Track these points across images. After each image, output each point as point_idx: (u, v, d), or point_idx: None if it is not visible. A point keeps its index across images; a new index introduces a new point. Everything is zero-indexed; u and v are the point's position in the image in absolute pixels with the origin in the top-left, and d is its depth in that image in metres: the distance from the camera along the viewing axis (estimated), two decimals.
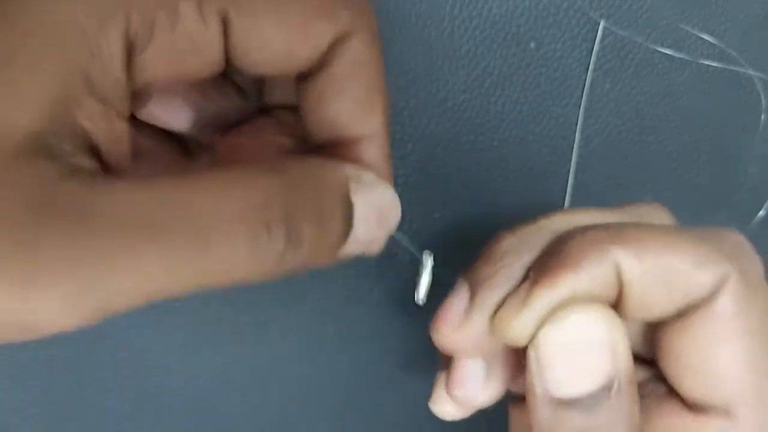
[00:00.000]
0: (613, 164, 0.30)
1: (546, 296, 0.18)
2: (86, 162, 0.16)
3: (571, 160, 0.30)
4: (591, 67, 0.29)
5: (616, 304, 0.19)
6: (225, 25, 0.18)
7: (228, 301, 0.29)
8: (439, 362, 0.23)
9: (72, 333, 0.28)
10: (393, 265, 0.30)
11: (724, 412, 0.19)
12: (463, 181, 0.29)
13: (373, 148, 0.20)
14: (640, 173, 0.31)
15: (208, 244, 0.16)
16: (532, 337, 0.19)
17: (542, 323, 0.18)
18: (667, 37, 0.29)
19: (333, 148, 0.20)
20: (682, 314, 0.19)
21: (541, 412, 0.19)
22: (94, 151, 0.17)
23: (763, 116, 0.32)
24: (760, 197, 0.33)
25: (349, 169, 0.19)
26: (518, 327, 0.19)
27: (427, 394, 0.25)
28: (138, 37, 0.17)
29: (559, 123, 0.29)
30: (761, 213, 0.33)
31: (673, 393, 0.20)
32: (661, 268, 0.18)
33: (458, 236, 0.30)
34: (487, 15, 0.27)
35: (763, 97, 0.31)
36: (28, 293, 0.15)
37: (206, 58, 0.18)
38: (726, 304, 0.18)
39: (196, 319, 0.28)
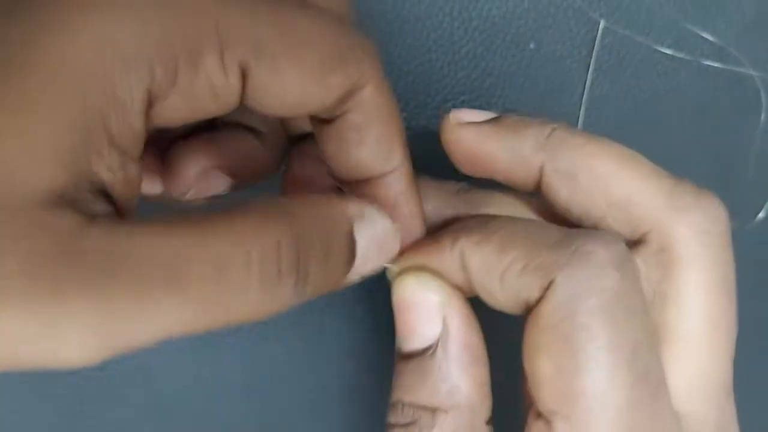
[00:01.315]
0: None
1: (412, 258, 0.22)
2: (102, 207, 0.16)
3: None
4: (591, 67, 0.29)
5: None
6: (244, 74, 0.18)
7: None
8: None
9: None
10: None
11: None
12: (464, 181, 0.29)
13: (396, 182, 0.21)
14: None
15: (222, 291, 0.16)
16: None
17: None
18: (666, 37, 0.29)
19: (357, 186, 0.22)
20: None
21: (395, 361, 0.22)
22: (108, 196, 0.17)
23: (763, 115, 0.32)
24: (760, 197, 0.33)
25: (353, 207, 0.20)
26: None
27: None
28: (161, 87, 0.17)
29: None
30: (761, 214, 0.33)
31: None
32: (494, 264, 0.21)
33: None
34: (487, 16, 0.27)
35: (763, 96, 0.31)
36: (55, 332, 0.15)
37: (223, 103, 0.18)
38: (548, 315, 0.19)
39: None
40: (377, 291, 0.30)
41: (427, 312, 0.21)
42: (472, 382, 0.21)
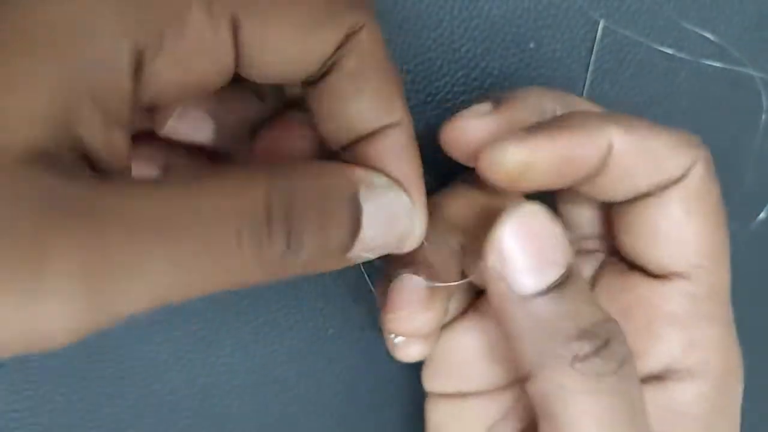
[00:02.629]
0: None
1: (547, 147, 0.20)
2: (84, 171, 0.16)
3: None
4: (591, 67, 0.29)
5: (595, 179, 0.21)
6: (235, 29, 0.17)
7: (228, 301, 0.29)
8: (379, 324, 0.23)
9: None
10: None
11: (685, 275, 0.22)
12: None
13: (399, 136, 0.20)
14: None
15: (213, 245, 0.16)
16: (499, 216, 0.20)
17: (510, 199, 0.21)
18: (667, 37, 0.29)
19: (354, 149, 0.20)
20: (655, 190, 0.21)
21: (508, 309, 0.20)
22: (90, 160, 0.16)
23: (763, 116, 0.32)
24: (761, 198, 0.33)
25: (359, 172, 0.19)
26: (516, 154, 0.20)
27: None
28: (148, 46, 0.16)
29: None
30: (762, 215, 0.33)
31: (634, 267, 0.23)
32: (645, 147, 0.21)
33: None
34: (487, 15, 0.27)
35: (764, 96, 0.31)
36: (36, 302, 0.14)
37: (217, 64, 0.18)
38: (696, 182, 0.21)
39: (196, 320, 0.29)
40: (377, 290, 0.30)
41: (558, 237, 0.20)
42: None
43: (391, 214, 0.19)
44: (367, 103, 0.20)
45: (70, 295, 0.15)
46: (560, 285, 0.19)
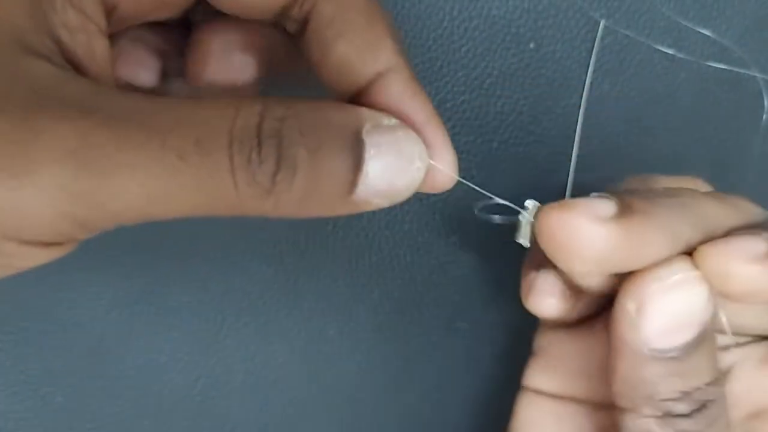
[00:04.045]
0: (613, 164, 0.30)
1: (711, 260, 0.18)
2: (71, 71, 0.16)
3: (571, 160, 0.30)
4: (591, 67, 0.29)
5: None
6: None
7: (228, 301, 0.29)
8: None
9: (70, 336, 0.28)
10: (393, 264, 0.30)
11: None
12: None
13: (394, 84, 0.19)
14: (640, 174, 0.31)
15: (203, 156, 0.16)
16: (629, 289, 0.19)
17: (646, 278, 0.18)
18: (667, 37, 0.29)
19: (359, 102, 0.19)
20: None
21: (626, 352, 0.19)
22: (73, 64, 0.16)
23: (764, 116, 0.31)
24: (761, 199, 0.33)
25: (366, 112, 0.18)
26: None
27: (428, 395, 0.25)
28: None
29: (559, 123, 0.29)
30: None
31: None
32: None
33: (458, 237, 0.30)
34: (487, 15, 0.27)
35: (765, 97, 0.31)
36: (24, 184, 0.14)
37: None
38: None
39: (196, 320, 0.29)
40: (378, 290, 0.30)
41: (701, 303, 0.19)
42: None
43: (400, 154, 0.18)
44: (350, 50, 0.18)
45: (60, 175, 0.14)
46: (685, 347, 0.19)
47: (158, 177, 0.15)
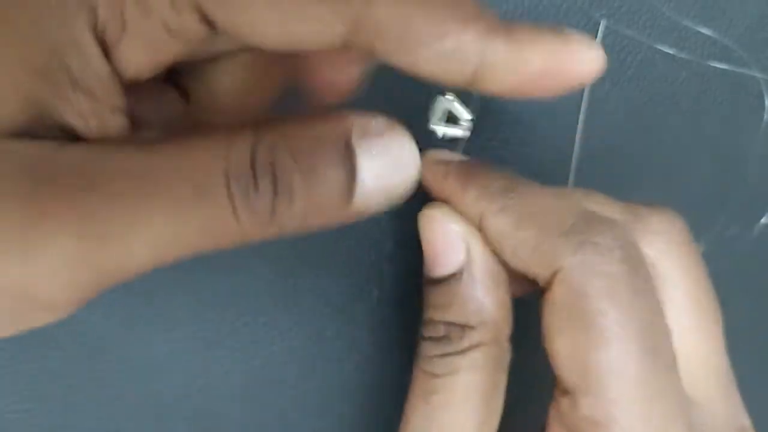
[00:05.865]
0: (613, 164, 0.30)
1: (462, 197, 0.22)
2: (68, 143, 0.16)
3: (571, 160, 0.30)
4: None
5: None
6: (200, 11, 0.17)
7: (228, 301, 0.29)
8: None
9: (70, 336, 0.28)
10: (393, 264, 0.30)
11: None
12: None
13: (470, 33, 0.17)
14: (640, 174, 0.31)
15: (204, 200, 0.16)
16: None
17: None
18: (668, 37, 0.29)
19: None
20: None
21: (424, 285, 0.23)
22: (78, 135, 0.16)
23: (765, 117, 0.31)
24: (762, 199, 0.33)
25: (351, 117, 0.18)
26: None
27: None
28: (109, 29, 0.16)
29: (559, 123, 0.29)
30: (764, 220, 0.33)
31: None
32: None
33: None
34: None
35: (765, 97, 0.31)
36: (33, 261, 0.14)
37: (188, 41, 0.17)
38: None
39: (196, 320, 0.29)
40: (378, 290, 0.30)
41: (453, 241, 0.22)
42: (495, 301, 0.22)
43: (391, 155, 0.18)
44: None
45: (66, 253, 0.15)
46: (451, 277, 0.22)
47: (162, 231, 0.16)
